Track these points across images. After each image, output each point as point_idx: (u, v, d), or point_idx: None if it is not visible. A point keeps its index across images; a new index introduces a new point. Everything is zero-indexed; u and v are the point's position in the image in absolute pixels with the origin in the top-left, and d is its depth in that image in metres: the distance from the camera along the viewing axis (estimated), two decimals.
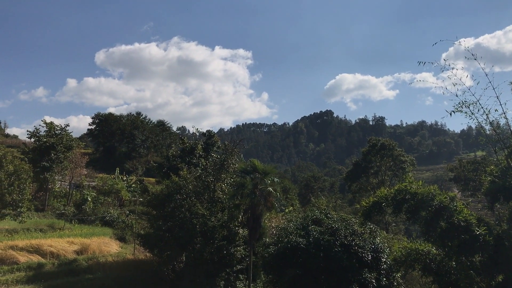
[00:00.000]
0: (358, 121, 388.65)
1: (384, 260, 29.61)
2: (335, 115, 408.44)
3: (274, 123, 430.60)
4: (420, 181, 31.28)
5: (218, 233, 37.87)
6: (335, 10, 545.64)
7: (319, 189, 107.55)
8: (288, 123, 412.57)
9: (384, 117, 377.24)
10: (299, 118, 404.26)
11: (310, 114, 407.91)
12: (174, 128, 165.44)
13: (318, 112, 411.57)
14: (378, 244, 30.15)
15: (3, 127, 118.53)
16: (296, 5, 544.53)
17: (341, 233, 29.98)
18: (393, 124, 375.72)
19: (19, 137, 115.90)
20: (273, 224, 43.69)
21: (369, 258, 28.73)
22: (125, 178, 72.90)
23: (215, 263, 36.97)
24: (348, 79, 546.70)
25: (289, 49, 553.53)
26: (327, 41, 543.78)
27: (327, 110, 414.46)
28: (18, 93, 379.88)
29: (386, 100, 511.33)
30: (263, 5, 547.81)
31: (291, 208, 65.19)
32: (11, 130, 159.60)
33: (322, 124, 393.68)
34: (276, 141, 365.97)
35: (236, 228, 38.62)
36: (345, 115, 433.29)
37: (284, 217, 46.82)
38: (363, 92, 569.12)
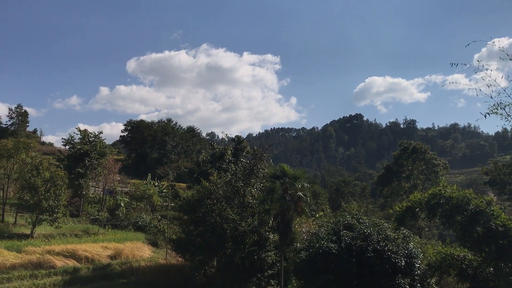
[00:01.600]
0: (388, 124, 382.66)
1: (418, 265, 29.02)
2: (365, 118, 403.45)
3: (303, 127, 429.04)
4: (455, 185, 30.60)
5: (248, 238, 37.89)
6: (364, 13, 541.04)
7: (349, 193, 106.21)
8: (317, 127, 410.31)
9: (415, 120, 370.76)
10: (328, 122, 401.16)
11: (340, 118, 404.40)
12: (204, 134, 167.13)
13: (348, 116, 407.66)
14: (412, 249, 29.58)
15: (39, 135, 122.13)
16: (324, 8, 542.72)
17: (373, 238, 29.54)
18: (424, 127, 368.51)
19: (54, 145, 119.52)
20: (303, 229, 43.35)
21: (403, 264, 28.20)
22: (156, 184, 73.90)
23: (246, 268, 36.93)
24: (378, 82, 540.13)
25: (317, 53, 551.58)
26: (356, 44, 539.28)
27: (356, 113, 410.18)
28: (53, 101, 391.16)
29: (417, 102, 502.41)
30: (291, 10, 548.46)
31: (321, 213, 64.61)
32: (46, 138, 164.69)
33: (351, 128, 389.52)
34: (305, 146, 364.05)
35: (267, 233, 38.51)
36: (375, 119, 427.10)
37: (314, 222, 46.48)
38: (394, 95, 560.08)
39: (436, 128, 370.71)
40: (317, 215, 57.27)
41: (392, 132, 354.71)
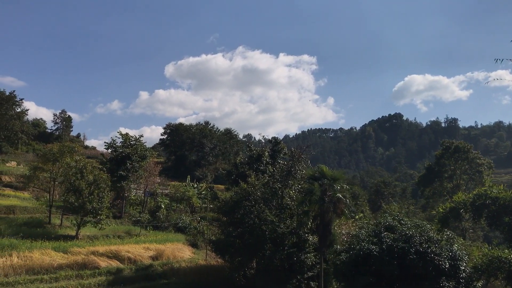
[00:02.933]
0: (429, 123, 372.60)
1: (463, 268, 28.23)
2: (404, 117, 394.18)
3: (341, 128, 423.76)
4: (501, 185, 29.57)
5: (287, 240, 37.80)
6: (402, 10, 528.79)
7: (390, 194, 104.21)
8: (355, 128, 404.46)
9: (457, 119, 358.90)
10: (367, 122, 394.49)
11: (378, 118, 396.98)
12: (241, 136, 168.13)
13: (387, 115, 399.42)
14: (456, 252, 28.80)
15: (82, 139, 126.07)
16: (360, 6, 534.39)
17: (415, 240, 28.93)
18: (467, 126, 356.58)
19: (97, 148, 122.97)
20: (343, 231, 42.90)
21: (447, 266, 27.50)
22: (195, 186, 74.84)
23: (286, 270, 36.88)
24: (418, 80, 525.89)
25: (354, 51, 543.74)
26: (394, 42, 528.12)
27: (396, 113, 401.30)
28: (95, 106, 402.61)
29: (459, 100, 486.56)
30: (326, 8, 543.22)
31: (361, 214, 63.78)
32: (89, 142, 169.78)
33: (391, 127, 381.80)
34: (343, 146, 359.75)
35: (306, 234, 38.29)
36: (415, 118, 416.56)
37: (354, 224, 45.92)
38: (434, 93, 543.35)
39: (479, 126, 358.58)
40: (357, 216, 56.56)
41: (433, 131, 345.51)
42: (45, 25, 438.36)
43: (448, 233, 31.19)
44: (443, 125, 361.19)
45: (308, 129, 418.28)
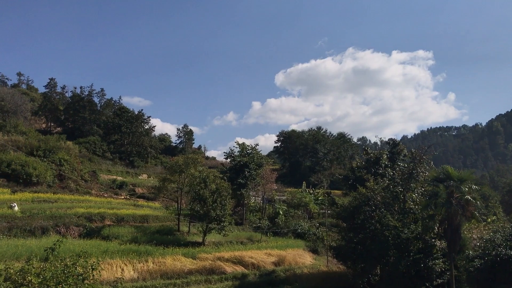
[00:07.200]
0: None
1: None
2: None
3: (464, 125, 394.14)
4: None
5: (412, 246, 36.21)
6: None
7: None
8: (481, 124, 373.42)
9: None
10: (494, 117, 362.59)
11: (507, 111, 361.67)
12: (355, 139, 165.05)
13: None
14: None
15: (203, 151, 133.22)
16: None
17: None
18: None
19: (217, 158, 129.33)
20: (474, 236, 39.89)
21: None
22: (311, 191, 74.91)
23: (412, 276, 35.27)
24: None
25: (475, 41, 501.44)
26: None
27: None
28: (212, 119, 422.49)
29: None
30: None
31: (493, 217, 58.93)
32: (210, 153, 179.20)
33: None
34: (468, 145, 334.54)
35: (432, 240, 36.36)
36: None
37: (486, 228, 42.49)
38: None
39: None
40: (489, 219, 52.55)
41: None
42: (164, 48, 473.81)
43: None
44: None
45: (427, 128, 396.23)
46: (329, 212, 60.76)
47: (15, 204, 41.36)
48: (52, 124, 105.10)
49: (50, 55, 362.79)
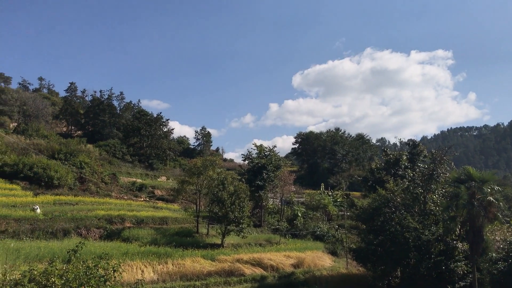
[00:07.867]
0: None
1: None
2: None
3: (485, 125, 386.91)
4: None
5: (433, 248, 35.89)
6: None
7: None
8: (503, 123, 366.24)
9: None
10: None
11: None
12: (373, 140, 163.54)
13: None
14: None
15: (221, 153, 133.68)
16: None
17: None
18: None
19: (235, 160, 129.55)
20: (497, 237, 39.22)
21: None
22: (330, 193, 74.50)
23: (433, 279, 34.94)
24: None
25: (495, 41, 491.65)
26: None
27: None
28: (230, 121, 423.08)
29: None
30: None
31: None
32: (227, 155, 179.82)
33: None
34: (490, 145, 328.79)
35: (454, 242, 35.92)
36: None
37: (510, 230, 41.71)
38: None
39: None
40: None
41: None
42: (182, 51, 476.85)
43: None
44: None
45: (448, 129, 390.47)
46: (348, 214, 60.32)
47: (38, 206, 42.06)
48: (73, 127, 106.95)
49: (71, 59, 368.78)
